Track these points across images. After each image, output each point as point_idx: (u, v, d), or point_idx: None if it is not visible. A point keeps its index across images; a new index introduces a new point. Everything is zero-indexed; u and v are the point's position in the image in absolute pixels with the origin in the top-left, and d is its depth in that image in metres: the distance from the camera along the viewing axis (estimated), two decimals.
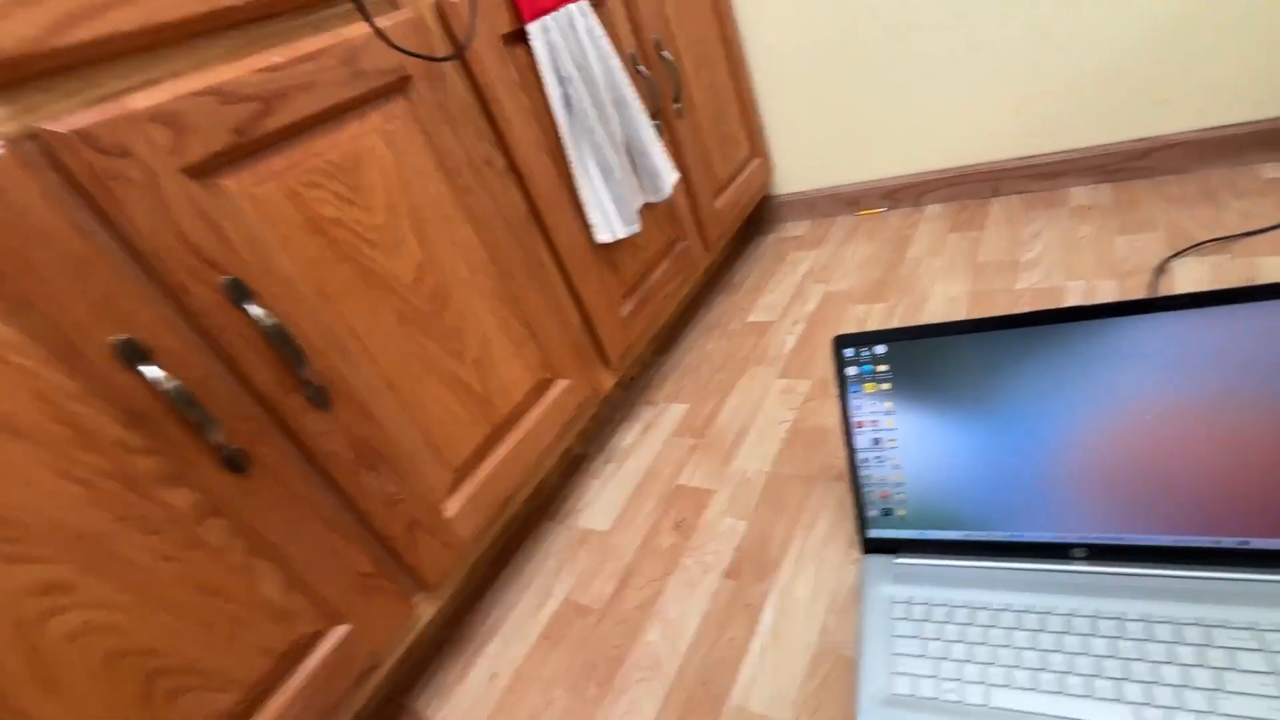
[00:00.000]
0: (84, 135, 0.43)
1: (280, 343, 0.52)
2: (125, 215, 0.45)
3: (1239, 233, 0.88)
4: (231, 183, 0.51)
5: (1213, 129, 1.01)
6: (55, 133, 0.42)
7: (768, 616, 0.66)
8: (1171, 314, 0.49)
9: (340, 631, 0.58)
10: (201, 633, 0.49)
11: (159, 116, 0.46)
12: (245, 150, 0.52)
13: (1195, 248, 0.88)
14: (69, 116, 0.43)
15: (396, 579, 0.64)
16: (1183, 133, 1.03)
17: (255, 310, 0.51)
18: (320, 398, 0.56)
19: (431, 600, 0.68)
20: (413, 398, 0.65)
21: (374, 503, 0.61)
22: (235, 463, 0.50)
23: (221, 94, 0.50)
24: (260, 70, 0.52)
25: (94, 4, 0.43)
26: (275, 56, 0.54)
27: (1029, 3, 1.03)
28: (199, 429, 0.48)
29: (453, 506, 0.69)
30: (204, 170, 0.49)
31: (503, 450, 0.75)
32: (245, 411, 0.51)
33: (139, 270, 0.47)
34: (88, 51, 0.44)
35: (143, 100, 0.46)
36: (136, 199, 0.46)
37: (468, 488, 0.71)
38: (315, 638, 0.57)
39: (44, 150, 0.42)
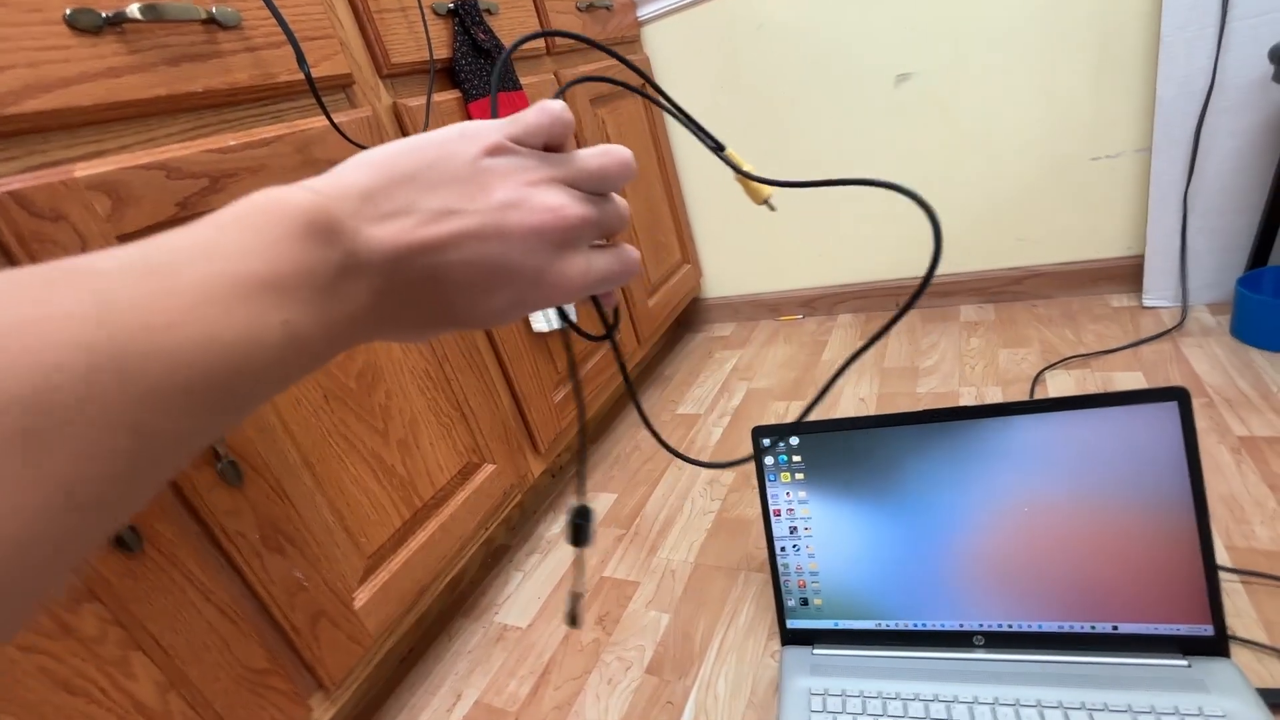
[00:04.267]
0: (17, 196, 0.43)
1: None
2: None
3: (1096, 351, 1.01)
4: None
5: (1068, 264, 1.19)
6: None
7: (688, 714, 0.64)
8: (1042, 415, 0.56)
9: None
10: None
11: (101, 185, 0.47)
12: (187, 223, 0.53)
13: (1063, 362, 1.01)
14: (6, 179, 0.43)
15: (293, 677, 0.59)
16: (1046, 265, 1.20)
17: None
18: (233, 473, 0.53)
19: (330, 702, 0.63)
20: (330, 477, 0.63)
21: (277, 590, 0.57)
22: (125, 541, 0.47)
23: (169, 169, 0.51)
24: (212, 150, 0.54)
25: (55, 78, 0.45)
26: (229, 139, 0.56)
27: (914, 152, 1.21)
28: None
29: (363, 596, 0.65)
30: (139, 239, 0.50)
31: (422, 536, 0.72)
32: None
33: None
34: (38, 120, 0.45)
35: (86, 169, 0.47)
36: None
37: (381, 576, 0.67)
38: None
39: None
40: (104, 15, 0.47)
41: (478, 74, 0.82)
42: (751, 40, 1.24)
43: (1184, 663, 0.53)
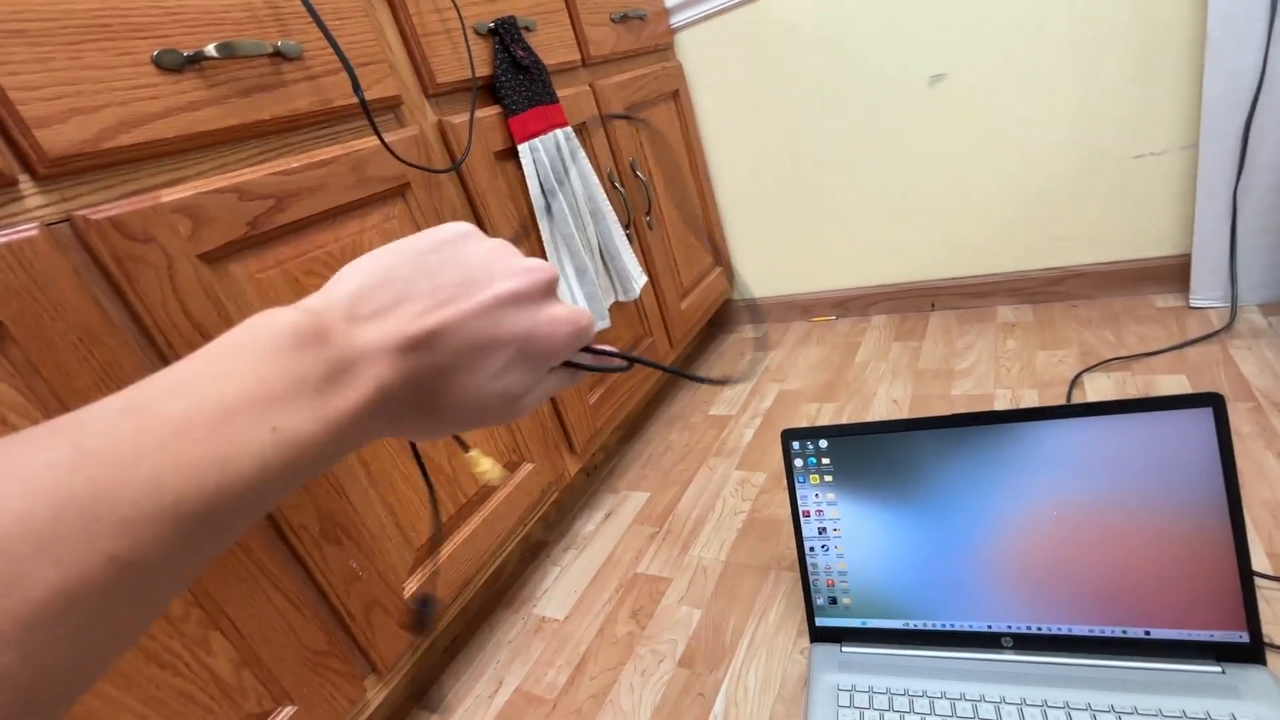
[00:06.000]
0: (115, 222, 0.48)
1: None
2: (139, 293, 0.49)
3: (1138, 353, 0.99)
4: (239, 268, 0.56)
5: (1110, 263, 1.16)
6: (89, 219, 0.47)
7: (719, 707, 0.66)
8: (1077, 420, 0.56)
9: (287, 713, 0.57)
10: (146, 709, 0.48)
11: (183, 209, 0.52)
12: (256, 240, 0.58)
13: (1102, 364, 0.99)
14: (105, 205, 0.48)
15: (350, 659, 0.63)
16: (1087, 265, 1.18)
17: None
18: None
19: (382, 685, 0.67)
20: (383, 475, 0.67)
21: (335, 579, 0.61)
22: None
23: (240, 191, 0.56)
24: (277, 173, 0.59)
25: (144, 114, 0.50)
26: (292, 161, 0.61)
27: (948, 153, 1.20)
28: None
29: (412, 586, 0.69)
30: (217, 257, 0.55)
31: (466, 531, 0.76)
32: None
33: (144, 343, 0.50)
34: (130, 153, 0.50)
35: (171, 194, 0.52)
36: (152, 279, 0.50)
37: (428, 568, 0.72)
38: (261, 718, 0.56)
39: (76, 233, 0.47)
40: (185, 55, 0.52)
41: (517, 89, 0.85)
42: (783, 44, 1.25)
43: (1218, 669, 0.53)
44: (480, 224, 0.81)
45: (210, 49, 0.53)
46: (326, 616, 0.62)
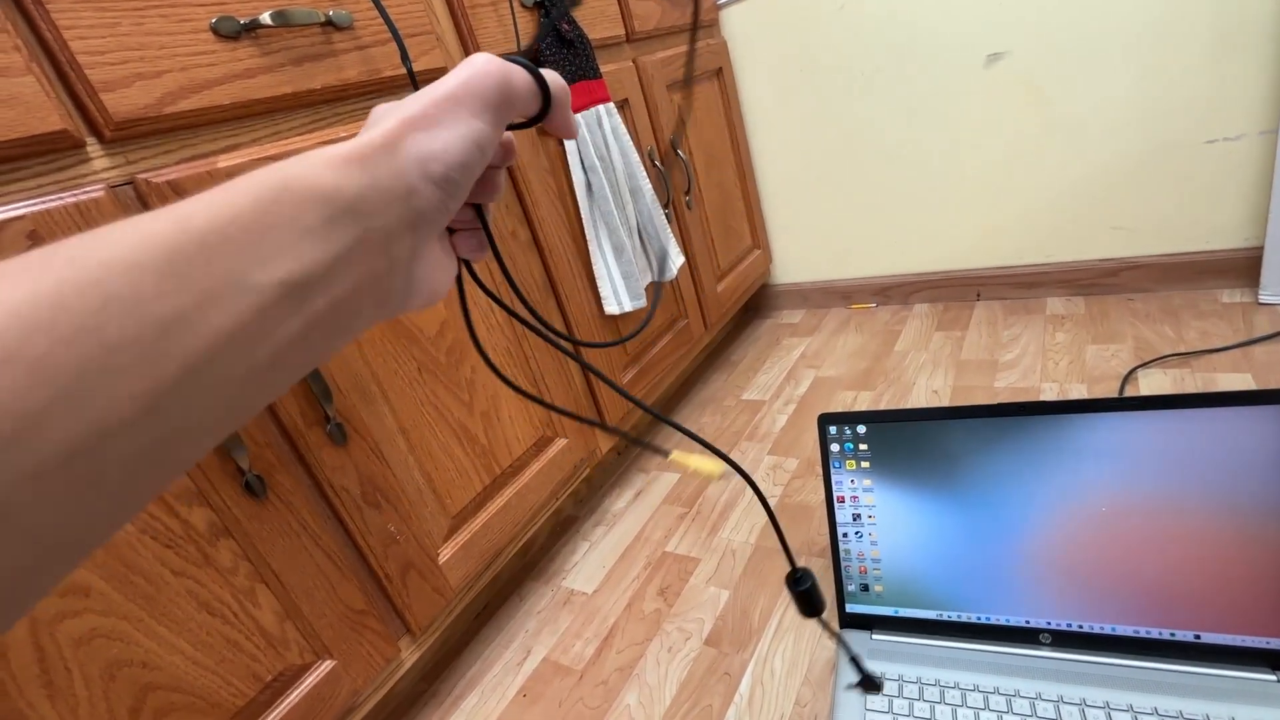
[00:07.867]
0: (174, 185, 0.50)
1: (311, 380, 0.57)
2: None
3: (1199, 350, 0.95)
4: None
5: (1171, 255, 1.11)
6: (151, 182, 0.49)
7: (744, 686, 0.66)
8: (1131, 414, 0.54)
9: (325, 666, 0.59)
10: (197, 652, 0.51)
11: (239, 175, 0.53)
12: None
13: (1159, 360, 0.95)
14: (165, 169, 0.50)
15: (385, 619, 0.65)
16: (1146, 256, 1.13)
17: None
18: (339, 434, 0.60)
19: (415, 646, 0.69)
20: (421, 443, 0.69)
21: (374, 540, 0.63)
22: (253, 488, 0.54)
23: None
24: (326, 142, 0.59)
25: (202, 80, 0.51)
26: (340, 131, 0.61)
27: (1001, 136, 1.15)
28: (227, 452, 0.52)
29: (447, 553, 0.71)
30: None
31: (500, 501, 0.77)
32: (270, 440, 0.55)
33: None
34: (188, 119, 0.51)
35: (226, 160, 0.53)
36: None
37: (463, 535, 0.73)
38: (302, 670, 0.58)
39: (139, 195, 0.49)
40: (241, 22, 0.53)
41: (561, 63, 0.85)
42: (832, 21, 1.22)
43: (1272, 677, 0.51)
44: (520, 199, 0.82)
45: (265, 17, 0.53)
46: (365, 578, 0.64)
